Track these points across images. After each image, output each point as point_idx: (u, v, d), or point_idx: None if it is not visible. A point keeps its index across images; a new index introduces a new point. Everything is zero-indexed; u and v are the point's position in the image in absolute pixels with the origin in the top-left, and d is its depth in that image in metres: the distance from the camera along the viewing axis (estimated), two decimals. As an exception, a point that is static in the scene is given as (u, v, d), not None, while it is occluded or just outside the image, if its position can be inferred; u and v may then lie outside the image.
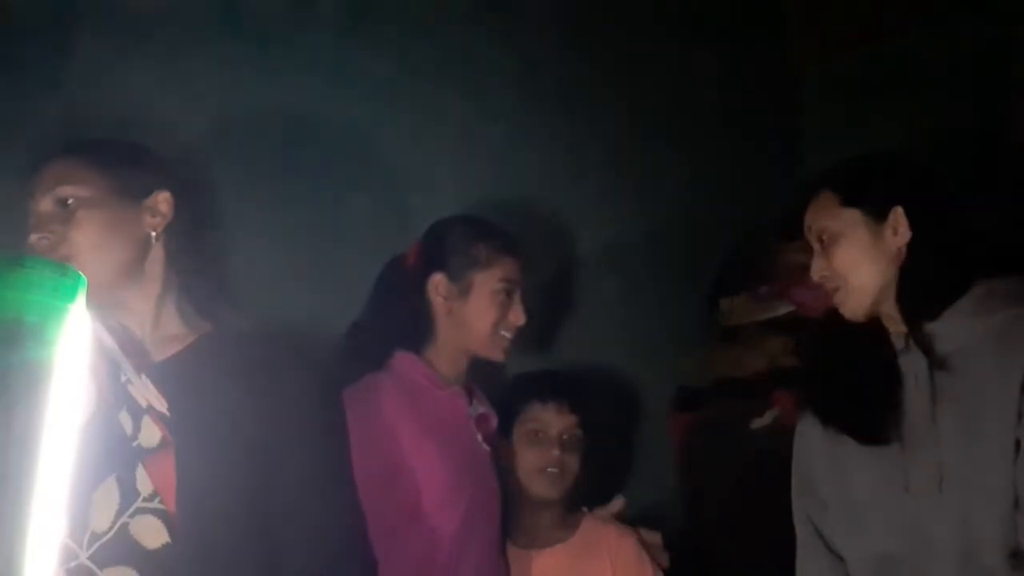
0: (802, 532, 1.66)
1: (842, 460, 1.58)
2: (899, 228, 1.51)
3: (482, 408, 1.87)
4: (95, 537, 1.24)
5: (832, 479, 1.60)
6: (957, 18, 2.38)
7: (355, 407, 1.56)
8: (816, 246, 1.56)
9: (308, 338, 1.70)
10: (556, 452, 1.92)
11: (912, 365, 1.52)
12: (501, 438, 1.93)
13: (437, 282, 1.81)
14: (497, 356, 1.83)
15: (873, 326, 1.56)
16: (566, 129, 2.29)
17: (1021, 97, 2.13)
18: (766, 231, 2.12)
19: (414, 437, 1.70)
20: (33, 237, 1.38)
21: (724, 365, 2.17)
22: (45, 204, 1.40)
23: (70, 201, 1.39)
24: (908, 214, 1.51)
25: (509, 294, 1.81)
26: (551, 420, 1.94)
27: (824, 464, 1.61)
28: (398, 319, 1.82)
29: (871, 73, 2.57)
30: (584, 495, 1.99)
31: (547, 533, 1.94)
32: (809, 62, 2.71)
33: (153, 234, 1.44)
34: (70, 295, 0.65)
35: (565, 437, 1.94)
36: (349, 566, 1.43)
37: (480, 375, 1.90)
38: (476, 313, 1.80)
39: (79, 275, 0.66)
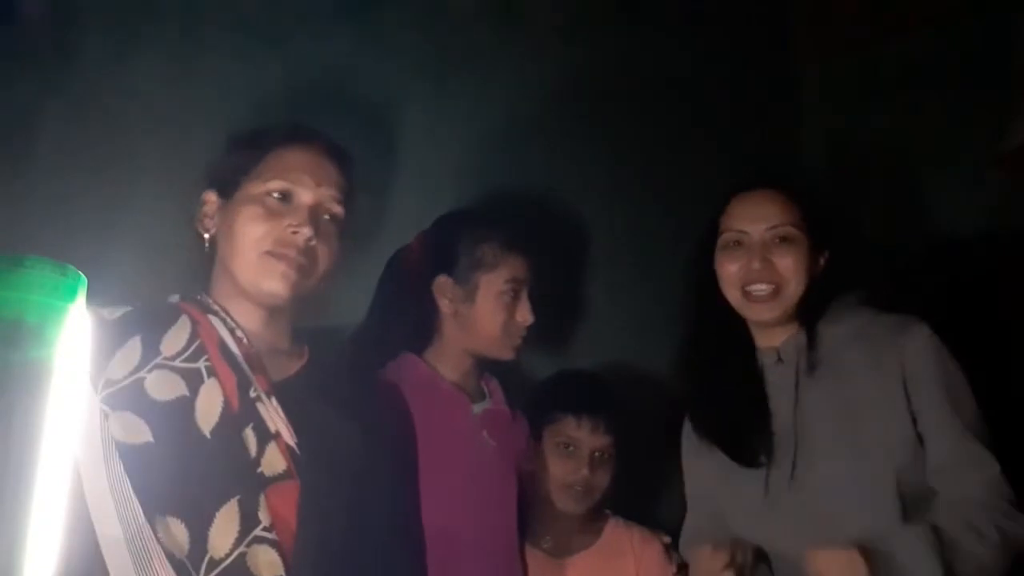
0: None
1: (717, 466, 1.67)
2: (825, 256, 1.64)
3: (491, 405, 1.82)
4: (212, 564, 1.18)
5: (713, 481, 1.70)
6: (957, 18, 2.38)
7: None
8: (775, 240, 1.61)
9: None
10: (584, 472, 1.85)
11: (779, 377, 1.63)
12: (531, 440, 1.89)
13: (442, 284, 1.77)
14: (506, 355, 1.80)
15: (743, 339, 1.67)
16: (567, 130, 2.29)
17: (1021, 97, 2.13)
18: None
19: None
20: (306, 231, 1.34)
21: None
22: (321, 204, 1.38)
23: (334, 219, 1.39)
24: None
25: (516, 294, 1.78)
26: (584, 438, 1.87)
27: (705, 467, 1.72)
28: (402, 320, 1.78)
29: (871, 73, 2.57)
30: (611, 502, 1.95)
31: (572, 539, 1.90)
32: (809, 62, 2.71)
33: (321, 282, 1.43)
34: (70, 295, 0.65)
35: (597, 455, 1.88)
36: None
37: (500, 372, 1.88)
38: (483, 315, 1.76)
39: (79, 275, 0.67)
